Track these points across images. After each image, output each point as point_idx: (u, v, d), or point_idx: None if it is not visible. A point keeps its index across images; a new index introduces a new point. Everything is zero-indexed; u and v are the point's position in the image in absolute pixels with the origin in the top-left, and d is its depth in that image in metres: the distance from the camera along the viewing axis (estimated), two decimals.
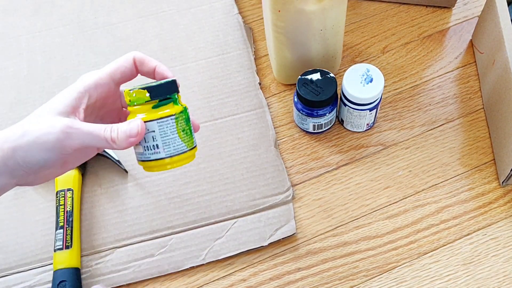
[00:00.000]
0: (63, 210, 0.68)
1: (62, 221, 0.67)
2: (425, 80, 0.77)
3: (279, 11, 0.64)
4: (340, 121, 0.74)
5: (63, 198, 0.69)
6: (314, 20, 0.66)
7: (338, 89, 0.71)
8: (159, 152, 0.47)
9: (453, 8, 0.82)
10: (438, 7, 0.82)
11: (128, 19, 0.85)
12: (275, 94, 0.77)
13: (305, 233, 0.67)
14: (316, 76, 0.68)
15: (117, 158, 0.71)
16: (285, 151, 0.73)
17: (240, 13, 0.84)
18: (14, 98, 0.79)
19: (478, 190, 0.69)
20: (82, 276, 0.66)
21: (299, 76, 0.68)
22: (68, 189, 0.69)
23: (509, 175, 0.65)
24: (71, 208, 0.68)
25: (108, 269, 0.66)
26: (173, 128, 0.47)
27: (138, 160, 0.49)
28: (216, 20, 0.84)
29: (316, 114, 0.69)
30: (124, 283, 0.65)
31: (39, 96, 0.79)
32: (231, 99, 0.77)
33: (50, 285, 0.65)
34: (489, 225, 0.66)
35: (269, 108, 0.76)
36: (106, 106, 0.52)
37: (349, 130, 0.74)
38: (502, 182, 0.68)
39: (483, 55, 0.74)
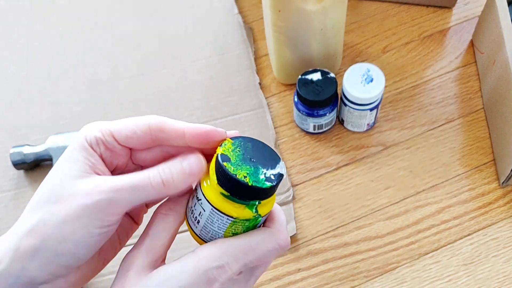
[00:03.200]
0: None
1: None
2: (425, 80, 0.77)
3: (279, 10, 0.64)
4: (340, 121, 0.74)
5: None
6: (314, 19, 0.66)
7: (338, 89, 0.71)
8: (196, 227, 0.38)
9: (453, 8, 0.82)
10: (439, 7, 0.82)
11: (128, 19, 0.85)
12: (275, 94, 0.77)
13: (306, 233, 0.67)
14: (316, 76, 0.68)
15: None
16: (285, 151, 0.73)
17: (240, 13, 0.84)
18: (14, 98, 0.79)
19: (479, 190, 0.69)
20: None
21: (299, 76, 0.68)
22: None
23: (509, 176, 0.65)
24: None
25: (108, 269, 0.66)
26: (223, 226, 0.37)
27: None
28: (216, 20, 0.84)
29: (316, 114, 0.69)
30: None
31: (39, 96, 0.79)
32: (231, 99, 0.77)
33: None
34: (490, 225, 0.66)
35: (269, 108, 0.76)
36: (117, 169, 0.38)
37: (350, 130, 0.74)
38: (502, 183, 0.68)
39: (484, 55, 0.74)
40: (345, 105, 0.69)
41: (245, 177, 0.35)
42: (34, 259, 0.33)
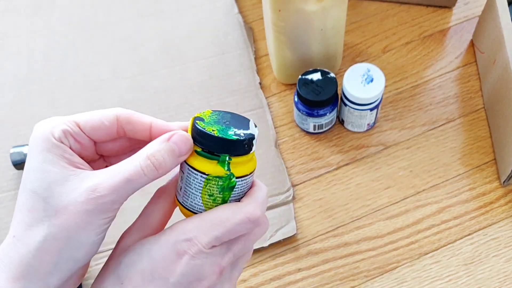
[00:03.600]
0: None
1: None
2: (425, 79, 0.77)
3: (280, 10, 0.64)
4: (340, 121, 0.74)
5: None
6: (314, 19, 0.66)
7: (338, 89, 0.71)
8: (180, 195, 0.39)
9: (453, 8, 0.82)
10: (439, 7, 0.82)
11: (128, 19, 0.85)
12: (275, 94, 0.77)
13: (306, 233, 0.67)
14: (316, 76, 0.68)
15: None
16: (286, 151, 0.73)
17: (240, 12, 0.84)
18: (14, 98, 0.79)
19: (479, 190, 0.69)
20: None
21: (300, 76, 0.68)
22: None
23: (510, 175, 0.65)
24: None
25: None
26: (198, 186, 0.37)
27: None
28: (216, 20, 0.83)
29: (316, 114, 0.69)
30: None
31: (39, 96, 0.79)
32: (231, 99, 0.77)
33: None
34: (490, 225, 0.66)
35: (269, 108, 0.76)
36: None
37: (350, 130, 0.73)
38: (503, 182, 0.68)
39: (484, 55, 0.74)
40: (345, 105, 0.69)
41: (213, 130, 0.36)
42: (54, 274, 0.33)
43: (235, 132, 0.37)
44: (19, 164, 0.71)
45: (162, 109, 0.76)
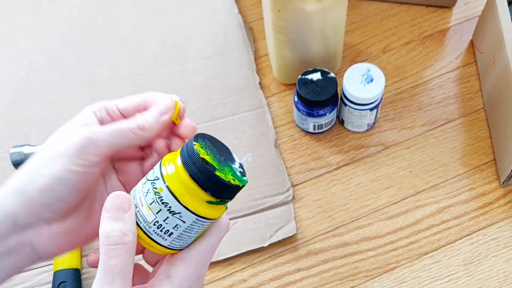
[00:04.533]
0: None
1: None
2: (425, 80, 0.77)
3: (279, 10, 0.64)
4: (340, 121, 0.74)
5: None
6: (314, 19, 0.66)
7: (338, 89, 0.71)
8: (165, 239, 0.36)
9: (453, 8, 0.82)
10: (439, 7, 0.82)
11: (128, 19, 0.85)
12: (275, 94, 0.77)
13: (306, 233, 0.67)
14: (316, 76, 0.68)
15: None
16: (285, 151, 0.73)
17: (240, 12, 0.84)
18: (14, 98, 0.79)
19: (479, 190, 0.69)
20: (82, 277, 0.66)
21: (299, 76, 0.68)
22: None
23: (510, 175, 0.65)
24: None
25: None
26: (199, 230, 0.36)
27: (138, 224, 0.36)
28: (216, 20, 0.84)
29: (316, 114, 0.69)
30: None
31: (39, 96, 0.79)
32: (231, 99, 0.77)
33: (50, 285, 0.65)
34: (490, 225, 0.66)
35: (269, 108, 0.76)
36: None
37: (350, 130, 0.74)
38: (503, 182, 0.68)
39: (484, 55, 0.74)
40: (345, 105, 0.69)
41: (233, 180, 0.35)
42: (20, 196, 0.36)
43: (238, 170, 0.36)
44: (19, 164, 0.71)
45: None
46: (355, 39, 0.81)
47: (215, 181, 0.34)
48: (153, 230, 0.35)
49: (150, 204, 0.35)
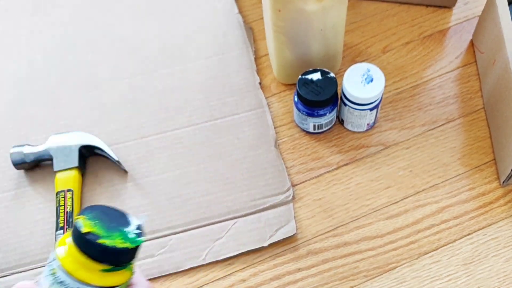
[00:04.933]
0: (63, 211, 0.68)
1: (62, 221, 0.67)
2: (425, 80, 0.77)
3: (280, 10, 0.64)
4: (340, 121, 0.74)
5: (63, 198, 0.68)
6: (314, 19, 0.66)
7: (338, 89, 0.71)
8: None
9: (453, 8, 0.82)
10: (439, 6, 0.82)
11: (128, 19, 0.85)
12: (275, 94, 0.77)
13: (306, 233, 0.67)
14: (316, 76, 0.68)
15: (116, 159, 0.71)
16: (285, 151, 0.73)
17: (240, 12, 0.84)
18: (14, 98, 0.79)
19: (479, 190, 0.69)
20: None
21: (300, 76, 0.68)
22: (68, 190, 0.69)
23: (510, 175, 0.65)
24: (71, 209, 0.68)
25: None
26: None
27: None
28: (216, 20, 0.84)
29: (316, 114, 0.69)
30: None
31: (39, 96, 0.79)
32: (231, 99, 0.77)
33: None
34: (490, 225, 0.66)
35: (269, 108, 0.76)
36: None
37: (350, 130, 0.74)
38: (503, 182, 0.68)
39: (484, 55, 0.74)
40: (345, 105, 0.69)
41: (122, 242, 0.35)
42: None
43: (131, 232, 0.37)
44: (19, 164, 0.71)
45: (162, 109, 0.76)
46: (355, 39, 0.81)
47: (100, 249, 0.35)
48: None
49: (50, 286, 0.35)
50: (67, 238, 0.36)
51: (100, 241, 0.35)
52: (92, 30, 0.84)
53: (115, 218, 0.37)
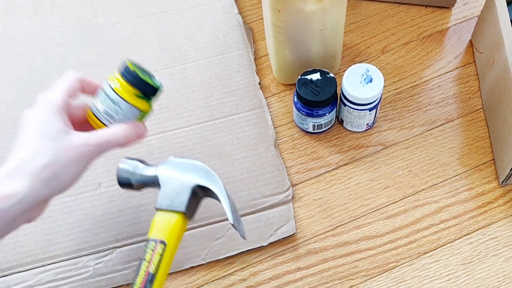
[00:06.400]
0: (145, 269, 0.53)
1: (139, 284, 0.52)
2: (424, 80, 0.77)
3: (279, 11, 0.65)
4: (340, 121, 0.74)
5: (152, 251, 0.53)
6: (314, 20, 0.66)
7: (338, 89, 0.71)
8: (110, 122, 0.55)
9: (452, 8, 0.83)
10: (438, 7, 0.83)
11: (128, 19, 0.85)
12: (275, 94, 0.77)
13: (305, 232, 0.67)
14: (316, 76, 0.68)
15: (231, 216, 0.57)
16: (285, 151, 0.73)
17: (240, 13, 0.84)
18: (14, 98, 0.79)
19: (478, 190, 0.69)
20: (82, 276, 0.66)
21: (299, 76, 0.68)
22: (162, 241, 0.53)
23: (509, 175, 0.66)
24: (155, 271, 0.53)
25: (108, 269, 0.66)
26: (134, 118, 0.56)
27: (90, 109, 0.56)
28: (216, 20, 0.84)
29: (316, 114, 0.69)
30: (124, 283, 0.65)
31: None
32: (231, 99, 0.77)
33: (50, 285, 0.65)
34: (489, 225, 0.66)
35: (269, 108, 0.76)
36: None
37: (349, 130, 0.74)
38: (502, 182, 0.68)
39: (483, 55, 0.75)
40: (345, 105, 0.69)
41: (151, 82, 0.55)
42: (47, 186, 0.50)
43: (155, 79, 0.57)
44: (125, 184, 0.61)
45: (162, 109, 0.76)
46: (354, 40, 0.81)
47: (137, 78, 0.54)
48: (104, 118, 0.55)
49: (101, 102, 0.55)
50: (116, 73, 0.55)
51: (139, 75, 0.54)
52: (92, 30, 0.84)
53: (147, 72, 0.57)
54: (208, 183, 0.56)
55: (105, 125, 0.55)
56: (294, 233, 0.67)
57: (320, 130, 0.72)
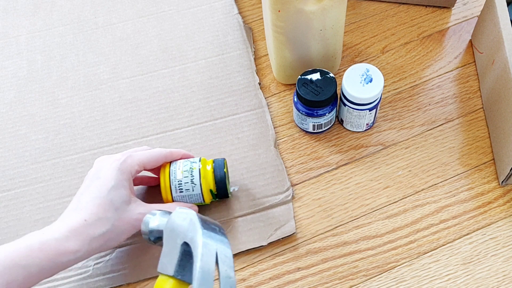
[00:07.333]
0: None
1: None
2: (424, 80, 0.77)
3: (279, 11, 0.65)
4: (339, 121, 0.74)
5: None
6: (314, 20, 0.66)
7: (338, 89, 0.71)
8: (177, 195, 0.64)
9: (452, 8, 0.83)
10: (438, 7, 0.83)
11: (128, 19, 0.85)
12: (275, 94, 0.77)
13: (305, 232, 0.67)
14: (316, 76, 0.68)
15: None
16: (285, 151, 0.73)
17: (240, 13, 0.84)
18: (14, 98, 0.79)
19: (478, 189, 0.69)
20: (82, 276, 0.66)
21: (299, 76, 0.68)
22: None
23: (509, 175, 0.66)
24: None
25: (108, 269, 0.66)
26: (192, 201, 0.65)
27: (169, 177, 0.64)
28: (216, 20, 0.84)
29: (315, 114, 0.69)
30: (124, 283, 0.65)
31: (39, 96, 0.79)
32: (231, 99, 0.77)
33: (50, 284, 0.65)
34: (489, 225, 0.66)
35: (269, 108, 0.76)
36: None
37: (349, 130, 0.74)
38: (502, 182, 0.68)
39: (483, 55, 0.75)
40: (345, 105, 0.69)
41: (228, 189, 0.66)
42: (100, 248, 0.58)
43: (230, 188, 0.68)
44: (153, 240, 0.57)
45: (162, 109, 0.77)
46: (354, 39, 0.81)
47: (223, 183, 0.64)
48: (174, 185, 0.63)
49: (183, 171, 0.63)
50: (209, 163, 0.64)
51: (225, 176, 0.64)
52: (92, 30, 0.84)
53: (228, 175, 0.67)
54: (190, 239, 0.48)
55: (171, 195, 0.63)
56: (294, 233, 0.67)
57: (320, 130, 0.72)
